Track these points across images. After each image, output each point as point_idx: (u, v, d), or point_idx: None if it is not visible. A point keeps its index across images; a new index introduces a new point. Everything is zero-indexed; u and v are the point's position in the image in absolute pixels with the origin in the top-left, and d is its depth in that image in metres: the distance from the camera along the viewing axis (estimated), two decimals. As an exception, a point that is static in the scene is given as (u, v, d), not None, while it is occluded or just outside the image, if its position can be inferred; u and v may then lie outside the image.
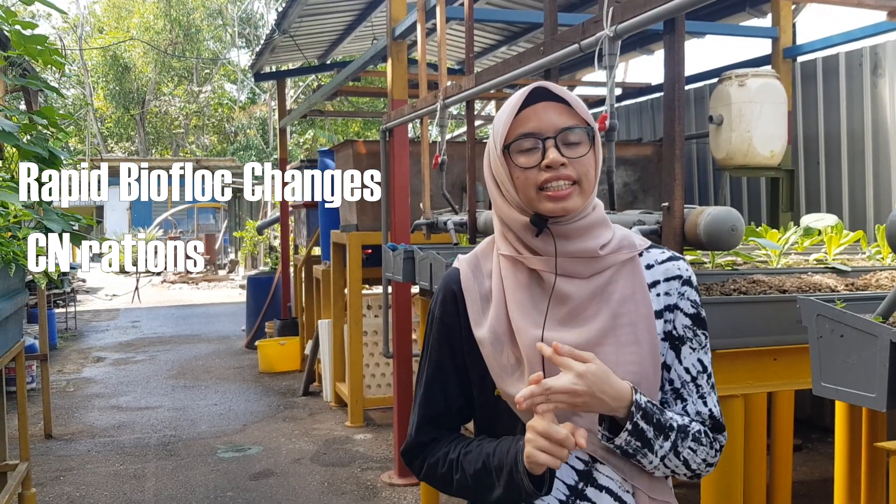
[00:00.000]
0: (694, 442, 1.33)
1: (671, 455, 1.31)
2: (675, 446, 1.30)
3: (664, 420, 1.29)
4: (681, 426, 1.32)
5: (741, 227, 2.30)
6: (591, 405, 1.24)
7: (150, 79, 30.96)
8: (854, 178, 5.57)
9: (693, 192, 7.05)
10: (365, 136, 23.62)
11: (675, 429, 1.31)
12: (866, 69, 5.46)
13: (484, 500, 1.36)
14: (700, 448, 1.34)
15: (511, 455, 1.29)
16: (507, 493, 1.30)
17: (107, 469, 5.38)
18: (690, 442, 1.33)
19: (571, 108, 1.34)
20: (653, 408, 1.29)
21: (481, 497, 1.36)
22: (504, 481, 1.29)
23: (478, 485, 1.34)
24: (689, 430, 1.33)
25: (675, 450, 1.31)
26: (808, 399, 5.57)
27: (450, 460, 1.39)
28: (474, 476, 1.34)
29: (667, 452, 1.30)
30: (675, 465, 1.32)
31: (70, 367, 9.20)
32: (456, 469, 1.37)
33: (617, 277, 1.36)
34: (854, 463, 2.43)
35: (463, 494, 1.41)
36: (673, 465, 1.32)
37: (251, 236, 18.42)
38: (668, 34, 2.32)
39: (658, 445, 1.29)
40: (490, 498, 1.34)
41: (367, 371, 6.58)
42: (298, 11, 7.32)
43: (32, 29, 3.66)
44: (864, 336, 1.47)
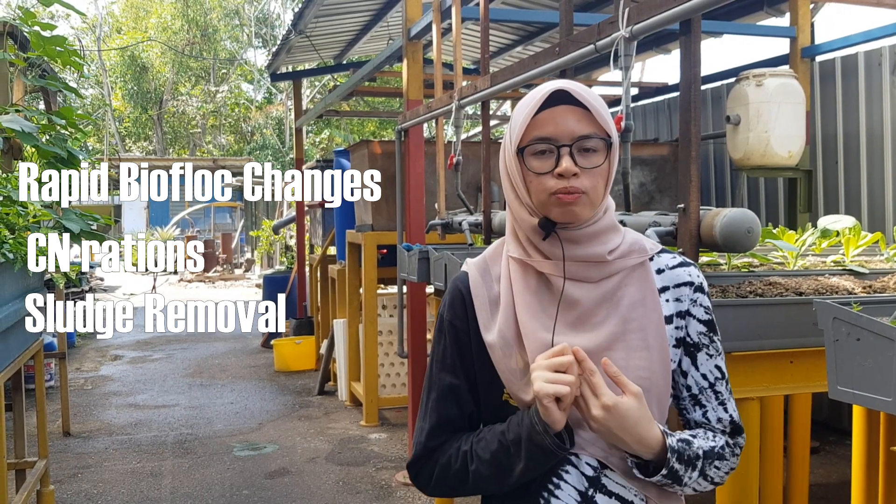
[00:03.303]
0: (719, 460, 1.35)
1: (699, 479, 1.32)
2: (703, 471, 1.32)
3: (693, 454, 1.31)
4: (706, 452, 1.33)
5: (757, 229, 2.28)
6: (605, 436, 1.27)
7: (168, 79, 31.17)
8: (873, 178, 5.53)
9: (710, 193, 7.01)
10: (381, 136, 23.66)
11: (701, 457, 1.32)
12: (885, 69, 5.41)
13: (504, 484, 1.32)
14: (724, 464, 1.35)
15: (526, 422, 1.27)
16: (528, 464, 1.28)
17: (124, 466, 5.43)
18: (716, 462, 1.34)
19: (592, 114, 1.30)
20: (683, 447, 1.30)
21: (501, 481, 1.32)
22: (524, 452, 1.27)
23: (496, 468, 1.31)
24: (714, 451, 1.34)
25: (703, 474, 1.32)
26: (826, 401, 5.53)
27: (462, 453, 1.36)
28: (491, 459, 1.31)
29: (695, 479, 1.32)
30: (703, 486, 1.34)
31: (88, 365, 9.28)
32: (471, 459, 1.34)
33: (626, 282, 1.35)
34: (871, 467, 2.41)
35: (481, 487, 1.36)
36: (701, 487, 1.34)
37: (267, 235, 18.50)
38: (684, 35, 2.30)
39: (688, 477, 1.30)
40: (510, 479, 1.31)
41: (381, 370, 6.59)
42: (315, 12, 7.35)
43: (51, 30, 3.70)
44: (881, 340, 1.46)
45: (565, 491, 1.32)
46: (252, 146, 29.14)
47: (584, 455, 1.33)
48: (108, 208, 26.20)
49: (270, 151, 27.64)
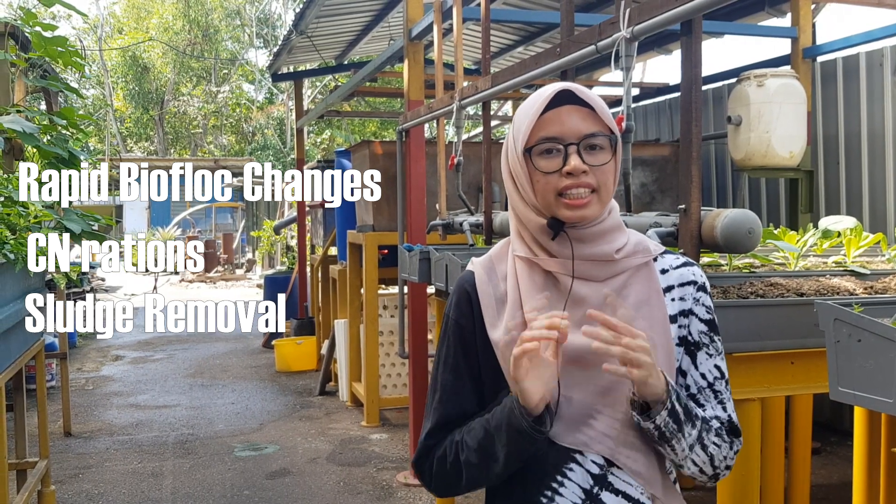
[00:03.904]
0: (717, 437, 1.34)
1: (698, 447, 1.31)
2: (701, 437, 1.31)
3: (692, 409, 1.31)
4: (704, 417, 1.33)
5: (758, 229, 2.28)
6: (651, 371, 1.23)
7: (169, 79, 31.19)
8: (874, 179, 5.52)
9: (711, 193, 7.01)
10: (382, 137, 23.67)
11: (699, 417, 1.32)
12: (887, 69, 5.40)
13: (491, 472, 1.32)
14: (723, 444, 1.35)
15: (507, 405, 1.28)
16: (510, 448, 1.27)
17: (125, 467, 5.43)
18: (714, 437, 1.34)
19: (595, 113, 1.33)
20: (683, 395, 1.30)
21: (488, 469, 1.32)
22: (505, 436, 1.27)
23: (482, 455, 1.31)
24: (711, 423, 1.34)
25: (702, 441, 1.31)
26: (827, 402, 5.52)
27: (455, 443, 1.36)
28: (478, 447, 1.32)
29: (694, 441, 1.30)
30: (703, 459, 1.32)
31: (89, 365, 9.29)
32: (462, 449, 1.34)
33: (632, 282, 1.36)
34: (873, 468, 2.40)
35: (473, 477, 1.35)
36: (700, 461, 1.33)
37: (268, 236, 18.50)
38: (685, 35, 2.30)
39: (687, 432, 1.29)
40: (497, 467, 1.30)
41: (382, 371, 6.60)
42: (316, 12, 7.35)
43: (53, 31, 3.70)
44: (882, 341, 1.46)
45: (569, 489, 1.33)
46: (253, 146, 29.17)
47: (589, 453, 1.33)
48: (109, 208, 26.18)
49: (272, 152, 27.66)
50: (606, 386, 1.31)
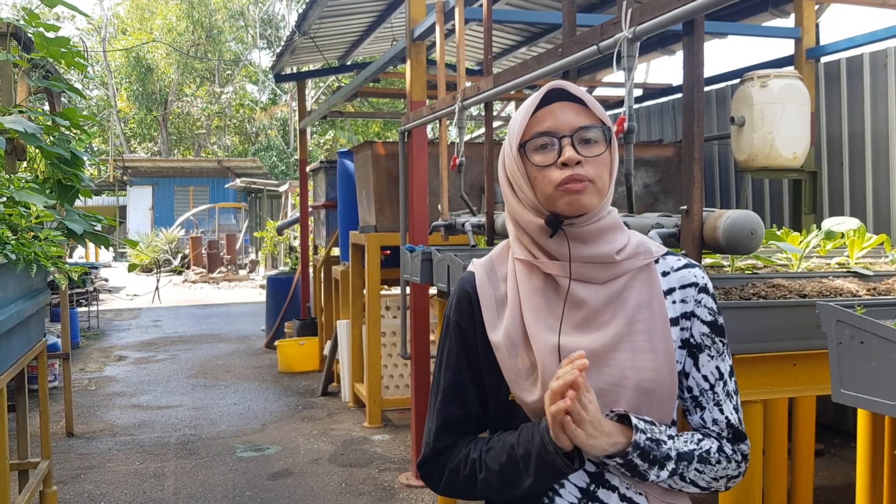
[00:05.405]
0: (702, 464, 1.33)
1: (676, 479, 1.31)
2: (679, 472, 1.31)
3: (661, 454, 1.29)
4: (683, 454, 1.31)
5: (761, 230, 2.28)
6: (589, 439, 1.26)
7: (173, 80, 31.25)
8: (878, 180, 5.50)
9: (714, 194, 6.99)
10: (385, 137, 23.70)
11: (674, 458, 1.30)
12: (891, 69, 5.39)
13: (511, 494, 1.34)
14: (710, 469, 1.33)
15: (537, 439, 1.28)
16: (537, 479, 1.29)
17: (127, 467, 5.43)
18: (697, 465, 1.32)
19: (588, 107, 1.34)
20: (651, 446, 1.29)
21: (508, 492, 1.34)
22: (534, 468, 1.28)
23: (504, 480, 1.33)
24: (694, 454, 1.32)
25: (680, 474, 1.31)
26: (830, 404, 5.50)
27: (472, 460, 1.37)
28: (500, 471, 1.33)
29: (667, 478, 1.30)
30: (682, 485, 1.33)
31: (92, 365, 9.29)
32: (480, 468, 1.35)
33: (632, 284, 1.36)
34: (876, 470, 2.39)
35: (488, 494, 1.38)
36: (678, 486, 1.33)
37: (271, 236, 18.51)
38: (687, 36, 2.30)
39: (654, 475, 1.29)
40: (518, 491, 1.32)
41: (385, 372, 6.59)
42: (318, 13, 7.35)
43: (55, 31, 3.70)
44: (885, 343, 1.45)
45: (567, 489, 1.34)
46: (257, 147, 29.20)
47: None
48: (112, 209, 26.23)
49: (275, 152, 27.69)
50: (602, 388, 1.31)
